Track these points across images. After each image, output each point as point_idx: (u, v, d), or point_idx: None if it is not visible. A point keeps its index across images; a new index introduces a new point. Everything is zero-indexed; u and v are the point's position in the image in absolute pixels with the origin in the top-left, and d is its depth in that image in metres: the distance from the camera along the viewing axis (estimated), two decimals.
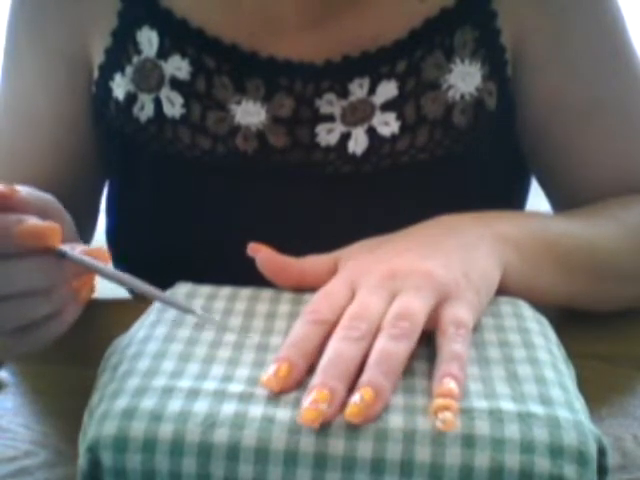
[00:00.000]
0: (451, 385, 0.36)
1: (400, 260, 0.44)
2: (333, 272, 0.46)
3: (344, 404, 0.35)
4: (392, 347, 0.37)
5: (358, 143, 0.58)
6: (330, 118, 0.58)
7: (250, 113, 0.59)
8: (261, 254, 0.47)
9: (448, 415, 0.34)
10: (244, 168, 0.60)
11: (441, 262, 0.43)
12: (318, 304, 0.41)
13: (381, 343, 0.38)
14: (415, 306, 0.40)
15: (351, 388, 0.36)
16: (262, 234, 0.55)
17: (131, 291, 0.70)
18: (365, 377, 0.36)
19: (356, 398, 0.35)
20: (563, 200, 0.64)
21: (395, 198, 0.60)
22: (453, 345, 0.38)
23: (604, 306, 0.54)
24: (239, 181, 0.61)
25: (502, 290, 0.46)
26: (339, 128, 0.58)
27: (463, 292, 0.42)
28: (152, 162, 0.62)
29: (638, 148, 0.61)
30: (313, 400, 0.34)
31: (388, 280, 0.42)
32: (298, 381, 0.37)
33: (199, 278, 0.49)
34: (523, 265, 0.48)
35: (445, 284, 0.42)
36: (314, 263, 0.47)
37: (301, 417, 0.34)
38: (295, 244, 0.51)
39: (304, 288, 0.46)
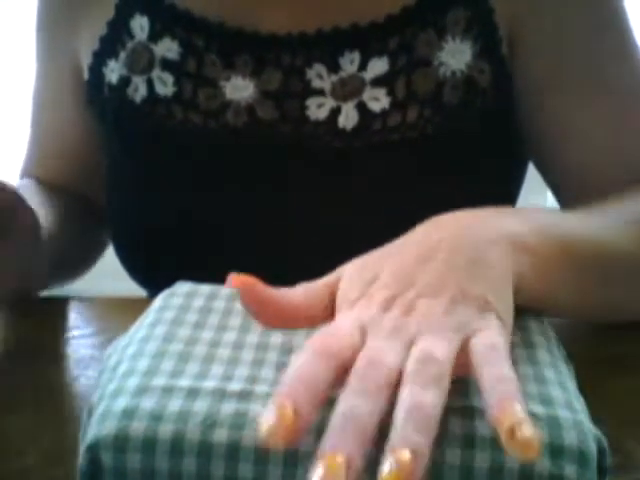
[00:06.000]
0: (516, 407, 0.30)
1: (409, 298, 0.37)
2: (330, 308, 0.40)
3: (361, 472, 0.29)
4: (422, 397, 0.31)
5: (348, 118, 0.58)
6: (320, 92, 0.59)
7: (239, 88, 0.60)
8: (244, 289, 0.38)
9: (528, 429, 0.28)
10: (235, 143, 0.60)
11: (455, 295, 0.37)
12: (324, 337, 0.35)
13: (407, 394, 0.31)
14: (439, 348, 0.34)
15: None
16: (250, 210, 0.55)
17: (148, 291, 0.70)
18: (396, 437, 0.29)
19: (391, 462, 0.28)
20: (564, 188, 0.63)
21: (386, 176, 0.60)
22: (495, 369, 0.33)
23: (619, 314, 0.51)
24: (230, 157, 0.61)
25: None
26: (329, 103, 0.59)
27: (487, 322, 0.36)
28: (147, 141, 0.63)
29: (636, 134, 0.60)
30: (325, 474, 0.27)
31: (402, 327, 0.36)
32: (304, 430, 0.30)
33: (195, 256, 0.49)
34: (537, 275, 0.42)
35: (466, 322, 0.36)
36: (307, 297, 0.40)
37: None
38: (285, 220, 0.51)
39: (296, 327, 0.40)
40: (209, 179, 0.62)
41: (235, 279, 0.38)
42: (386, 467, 0.28)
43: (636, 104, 0.60)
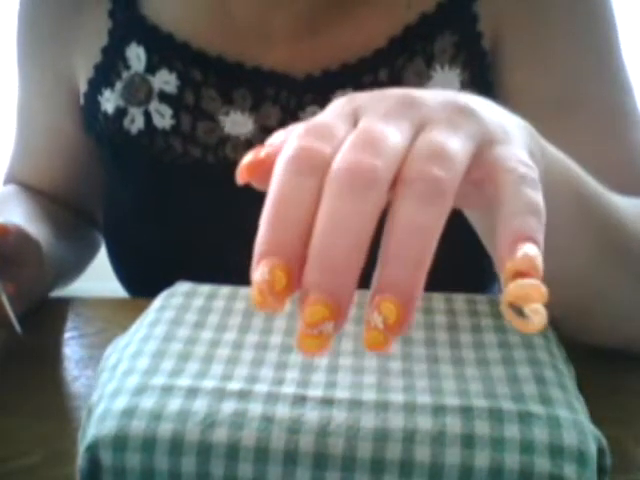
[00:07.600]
0: (531, 251, 0.24)
1: (424, 92, 0.30)
2: None
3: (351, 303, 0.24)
4: (421, 216, 0.24)
5: None
6: None
7: (238, 124, 0.60)
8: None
9: (538, 307, 0.23)
10: (233, 177, 0.60)
11: (482, 107, 0.30)
12: (304, 139, 0.27)
13: (403, 210, 0.25)
14: (453, 144, 0.26)
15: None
16: (248, 242, 0.55)
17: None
18: (384, 279, 0.24)
19: (377, 321, 0.24)
20: None
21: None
22: (522, 190, 0.26)
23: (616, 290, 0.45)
24: (228, 190, 0.61)
25: None
26: None
27: (510, 137, 0.29)
28: (145, 172, 0.63)
29: (617, 149, 0.58)
30: (309, 323, 0.24)
31: (409, 108, 0.28)
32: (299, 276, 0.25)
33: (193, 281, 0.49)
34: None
35: (489, 123, 0.29)
36: None
37: (299, 346, 0.24)
38: None
39: None
40: (207, 211, 0.62)
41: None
42: (371, 322, 0.24)
43: (618, 123, 0.58)
